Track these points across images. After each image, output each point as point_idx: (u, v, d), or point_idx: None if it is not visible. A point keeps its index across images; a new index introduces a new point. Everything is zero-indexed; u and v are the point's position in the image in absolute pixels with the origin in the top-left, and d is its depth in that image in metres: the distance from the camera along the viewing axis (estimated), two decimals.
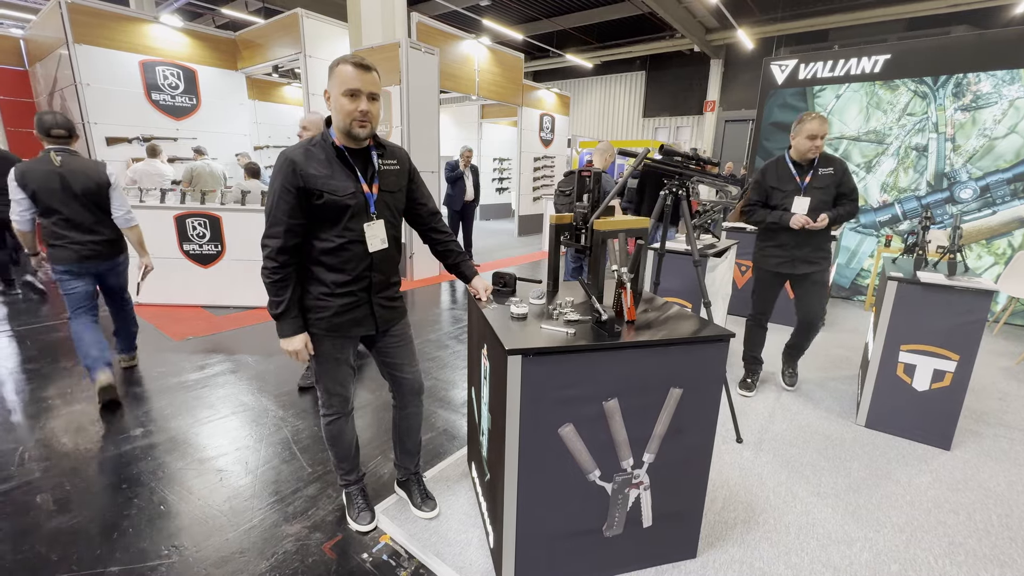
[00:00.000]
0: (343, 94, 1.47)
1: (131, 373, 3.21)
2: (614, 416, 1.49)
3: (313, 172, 1.50)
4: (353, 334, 1.69)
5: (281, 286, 1.54)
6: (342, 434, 1.82)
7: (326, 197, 1.51)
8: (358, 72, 1.46)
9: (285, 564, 1.70)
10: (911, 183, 4.96)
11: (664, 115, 16.24)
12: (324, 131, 1.58)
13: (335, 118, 1.52)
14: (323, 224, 1.55)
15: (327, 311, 1.61)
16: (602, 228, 1.70)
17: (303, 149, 1.53)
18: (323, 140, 1.56)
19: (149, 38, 6.23)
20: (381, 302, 1.70)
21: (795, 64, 5.38)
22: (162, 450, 2.36)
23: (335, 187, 1.52)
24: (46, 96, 6.85)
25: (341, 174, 1.54)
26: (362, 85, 1.46)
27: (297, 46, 5.99)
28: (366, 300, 1.66)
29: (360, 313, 1.66)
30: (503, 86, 8.43)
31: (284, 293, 1.54)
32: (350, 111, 1.47)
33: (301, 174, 1.48)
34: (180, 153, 6.53)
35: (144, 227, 4.40)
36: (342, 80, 1.46)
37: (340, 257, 1.58)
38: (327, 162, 1.53)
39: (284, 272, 1.53)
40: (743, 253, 4.50)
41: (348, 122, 1.49)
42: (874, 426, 2.68)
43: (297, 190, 1.48)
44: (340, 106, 1.48)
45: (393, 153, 1.67)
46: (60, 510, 1.93)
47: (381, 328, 1.72)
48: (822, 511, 2.03)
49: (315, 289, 1.60)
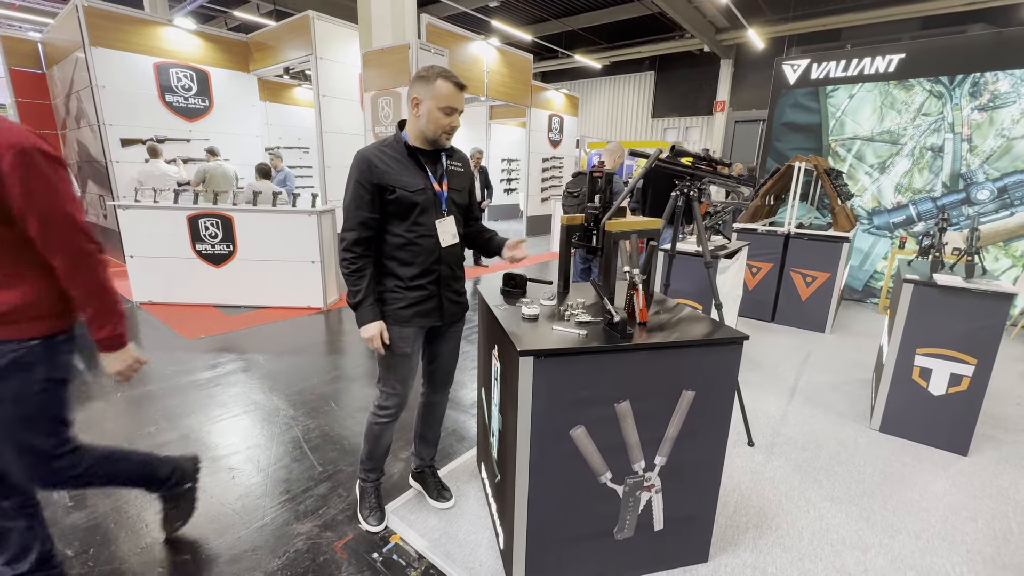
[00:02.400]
0: (440, 109, 1.58)
1: (145, 370, 3.25)
2: (626, 418, 1.48)
3: (385, 169, 1.60)
4: (422, 324, 1.75)
5: (358, 276, 1.62)
6: (384, 434, 1.85)
7: (398, 192, 1.60)
8: (458, 92, 1.59)
9: (297, 562, 1.71)
10: (926, 184, 4.89)
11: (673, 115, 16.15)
12: (397, 133, 1.68)
13: (425, 126, 1.62)
14: (394, 219, 1.64)
15: (399, 302, 1.69)
16: (614, 229, 1.69)
17: (377, 148, 1.63)
18: (396, 141, 1.66)
19: (163, 40, 6.31)
20: (450, 296, 1.78)
21: (807, 64, 5.32)
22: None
23: (406, 183, 1.62)
24: (63, 99, 6.97)
25: (412, 172, 1.64)
26: (459, 104, 1.60)
27: (308, 48, 6.04)
28: (436, 293, 1.74)
29: (430, 305, 1.74)
30: (512, 87, 8.44)
31: (361, 283, 1.62)
32: (444, 125, 1.61)
33: (375, 171, 1.59)
34: (193, 154, 6.60)
35: (158, 227, 4.51)
36: (442, 96, 1.57)
37: (411, 251, 1.67)
38: (399, 160, 1.63)
39: (361, 263, 1.62)
40: (754, 255, 4.47)
41: (439, 134, 1.62)
42: (889, 430, 2.64)
43: (371, 186, 1.58)
44: (435, 119, 1.60)
45: (459, 156, 1.78)
46: (76, 506, 1.96)
47: (446, 320, 1.79)
48: (836, 516, 2.00)
49: (390, 282, 1.69)
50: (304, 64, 6.53)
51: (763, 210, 4.93)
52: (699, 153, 2.50)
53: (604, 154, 3.83)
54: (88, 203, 7.10)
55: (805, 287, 4.37)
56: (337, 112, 6.14)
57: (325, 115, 6.10)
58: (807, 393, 3.13)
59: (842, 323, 4.61)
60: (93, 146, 6.30)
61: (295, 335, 4.01)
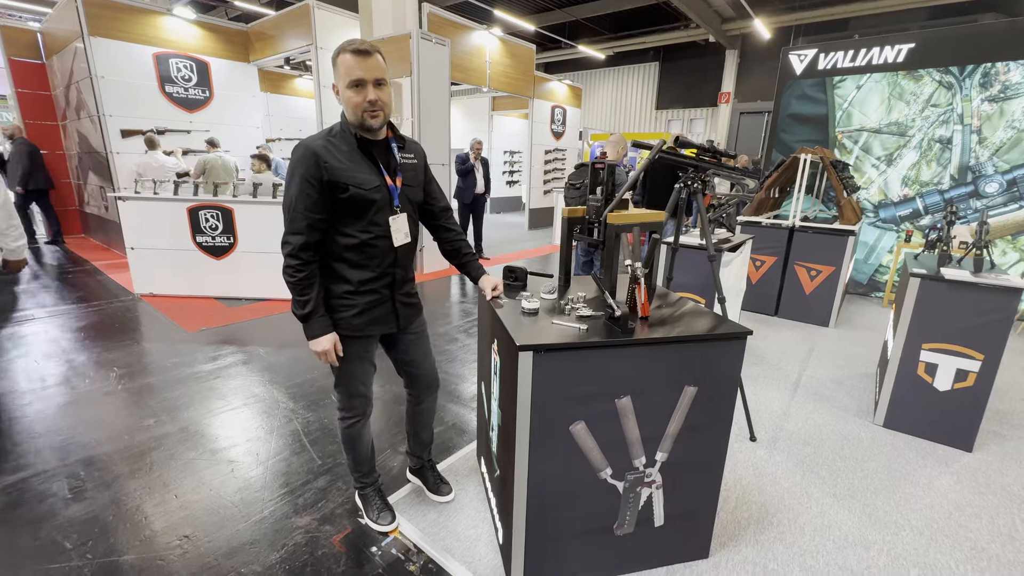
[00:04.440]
0: (348, 86, 1.40)
1: (146, 362, 3.25)
2: (627, 414, 1.46)
3: (337, 164, 1.43)
4: (375, 333, 1.65)
5: (306, 285, 1.47)
6: (361, 437, 1.77)
7: (352, 191, 1.44)
8: (358, 59, 1.38)
9: (295, 556, 1.70)
10: (934, 176, 4.82)
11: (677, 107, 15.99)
12: (343, 121, 1.50)
13: (346, 111, 1.46)
14: (346, 219, 1.48)
15: (351, 310, 1.56)
16: (616, 222, 1.66)
17: (323, 140, 1.46)
18: (343, 131, 1.49)
19: (163, 30, 6.25)
20: (402, 299, 1.67)
21: (815, 54, 5.23)
22: (174, 440, 2.38)
23: (360, 180, 1.46)
24: (63, 89, 6.92)
25: (364, 166, 1.48)
26: (365, 72, 1.39)
27: (308, 38, 5.97)
28: (389, 297, 1.62)
29: (382, 311, 1.62)
30: (515, 78, 8.35)
31: (310, 292, 1.48)
32: (358, 103, 1.41)
33: (325, 166, 1.41)
34: (193, 145, 6.57)
35: (159, 219, 4.49)
36: (345, 70, 1.39)
37: (365, 253, 1.52)
38: (350, 154, 1.47)
39: (308, 270, 1.47)
40: (758, 248, 4.43)
41: (359, 114, 1.43)
42: (893, 426, 2.62)
43: (320, 183, 1.41)
44: (348, 99, 1.42)
45: (410, 147, 1.64)
46: (75, 498, 1.96)
47: (402, 326, 1.69)
48: (838, 512, 1.98)
49: (338, 288, 1.54)
50: (305, 54, 6.47)
51: (767, 203, 4.88)
52: (704, 145, 2.46)
53: (607, 146, 3.78)
54: (89, 194, 7.09)
55: (809, 281, 4.33)
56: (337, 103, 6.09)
57: (326, 106, 6.05)
58: (810, 388, 3.10)
59: (846, 317, 4.57)
60: (93, 137, 6.27)
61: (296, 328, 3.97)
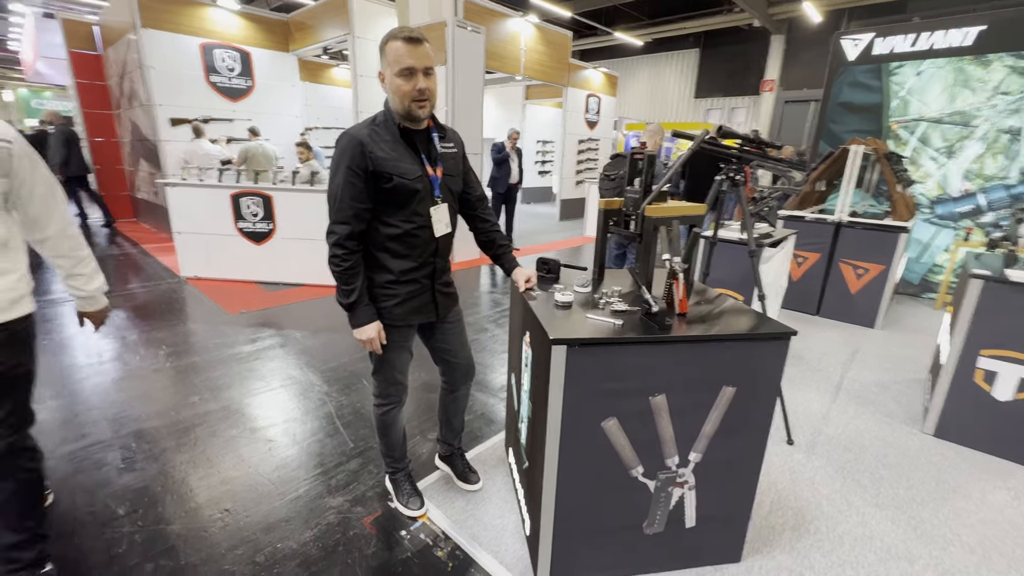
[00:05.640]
0: (397, 74, 1.38)
1: (191, 342, 3.40)
2: (661, 412, 1.43)
3: (381, 154, 1.43)
4: (415, 322, 1.67)
5: (351, 274, 1.48)
6: (395, 423, 1.81)
7: (395, 180, 1.44)
8: (409, 47, 1.36)
9: (328, 535, 1.76)
10: (1000, 170, 4.48)
11: (717, 95, 15.41)
12: (386, 110, 1.50)
13: (392, 100, 1.45)
14: (389, 209, 1.49)
15: (392, 300, 1.58)
16: (654, 215, 1.61)
17: (368, 129, 1.46)
18: (386, 120, 1.48)
19: (208, 21, 6.45)
20: (441, 288, 1.68)
21: (871, 38, 4.92)
22: (217, 417, 2.49)
23: (404, 170, 1.46)
24: (117, 79, 7.26)
25: (407, 156, 1.48)
26: (416, 61, 1.37)
27: (346, 27, 6.04)
28: (429, 287, 1.63)
29: (423, 300, 1.63)
30: (549, 66, 8.23)
31: (355, 281, 1.49)
32: (407, 91, 1.39)
33: (370, 156, 1.42)
34: (236, 134, 6.79)
35: (203, 205, 4.67)
36: (395, 58, 1.37)
37: (407, 243, 1.53)
38: (393, 144, 1.47)
39: (353, 259, 1.48)
40: (801, 244, 4.23)
41: (407, 103, 1.41)
42: (944, 435, 2.47)
43: (365, 173, 1.42)
44: (396, 87, 1.40)
45: (451, 136, 1.64)
46: (127, 468, 2.08)
47: (441, 315, 1.71)
48: (881, 523, 1.89)
49: (380, 277, 1.56)
50: (342, 44, 6.55)
51: (812, 196, 4.66)
52: (748, 135, 2.35)
53: (645, 135, 3.68)
54: (140, 180, 7.44)
55: (856, 279, 4.12)
56: (374, 92, 6.15)
57: (362, 95, 6.12)
58: (853, 391, 2.97)
59: (894, 319, 4.34)
60: (144, 125, 6.57)
61: (331, 313, 4.09)
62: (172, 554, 1.65)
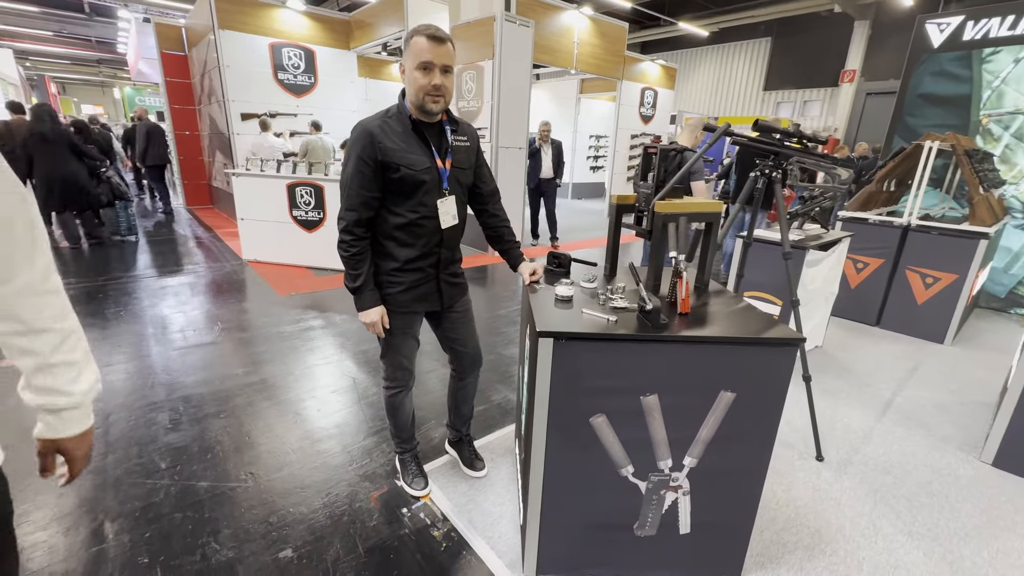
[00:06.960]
0: (416, 67, 1.44)
1: (243, 319, 3.70)
2: (653, 413, 1.39)
3: (390, 145, 1.49)
4: (420, 310, 1.73)
5: (358, 260, 1.56)
6: (403, 406, 1.89)
7: (402, 171, 1.50)
8: (431, 44, 1.42)
9: (336, 504, 1.87)
10: None
11: (789, 87, 14.43)
12: (400, 103, 1.56)
13: (409, 92, 1.51)
14: (396, 198, 1.55)
15: (397, 287, 1.64)
16: (664, 210, 1.57)
17: (380, 121, 1.52)
18: (399, 112, 1.54)
19: (277, 21, 6.90)
20: (447, 278, 1.73)
21: (959, 22, 4.42)
22: (255, 389, 2.70)
23: (411, 161, 1.52)
24: (199, 78, 7.94)
25: (417, 148, 1.54)
26: (435, 58, 1.42)
27: (402, 24, 6.24)
28: (434, 276, 1.69)
29: (427, 289, 1.69)
30: (603, 59, 8.05)
31: (361, 267, 1.57)
32: (423, 85, 1.45)
33: (379, 146, 1.48)
34: (299, 128, 7.23)
35: (263, 193, 5.03)
36: (416, 52, 1.43)
37: (412, 232, 1.59)
38: (403, 135, 1.52)
39: (361, 245, 1.56)
40: (861, 247, 3.91)
41: (421, 96, 1.47)
42: (1004, 466, 2.22)
43: (374, 162, 1.49)
44: (413, 79, 1.46)
45: (464, 130, 1.67)
46: (173, 428, 2.31)
47: (446, 304, 1.76)
48: (911, 553, 1.74)
49: (386, 264, 1.62)
50: (399, 40, 6.77)
51: (880, 197, 4.27)
52: (788, 129, 2.21)
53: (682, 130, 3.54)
54: (216, 170, 8.12)
55: (923, 289, 3.75)
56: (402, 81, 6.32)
57: None
58: (905, 410, 2.72)
59: (969, 334, 3.91)
60: (220, 120, 7.15)
61: None
62: (198, 507, 1.83)
